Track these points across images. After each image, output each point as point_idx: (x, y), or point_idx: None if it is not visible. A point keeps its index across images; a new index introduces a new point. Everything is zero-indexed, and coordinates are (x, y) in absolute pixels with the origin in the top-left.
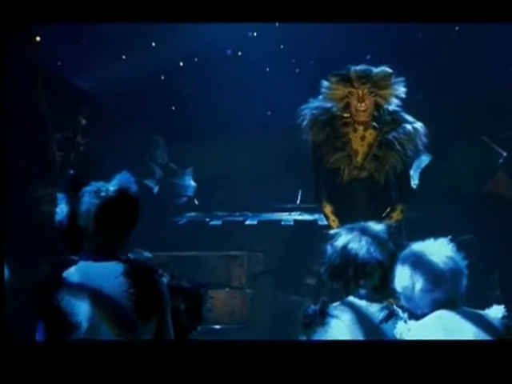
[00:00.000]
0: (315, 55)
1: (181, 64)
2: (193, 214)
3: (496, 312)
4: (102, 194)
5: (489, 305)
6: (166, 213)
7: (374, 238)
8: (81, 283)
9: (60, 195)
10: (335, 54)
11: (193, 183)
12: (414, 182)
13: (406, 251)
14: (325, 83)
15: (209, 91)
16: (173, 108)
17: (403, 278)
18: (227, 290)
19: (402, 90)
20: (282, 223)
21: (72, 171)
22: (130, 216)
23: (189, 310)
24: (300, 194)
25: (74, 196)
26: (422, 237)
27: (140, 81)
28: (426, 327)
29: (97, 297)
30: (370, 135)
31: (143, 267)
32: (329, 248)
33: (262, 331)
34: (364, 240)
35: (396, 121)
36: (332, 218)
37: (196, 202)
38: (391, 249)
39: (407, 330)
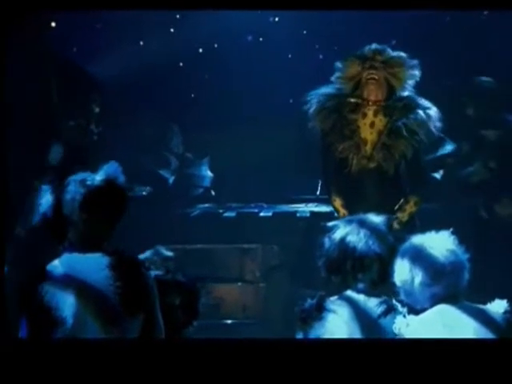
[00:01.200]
0: (339, 40)
1: (200, 50)
2: (206, 205)
3: (498, 307)
4: (88, 183)
5: (491, 299)
6: (182, 204)
7: (373, 230)
8: (65, 276)
9: (44, 186)
10: (360, 39)
11: (209, 173)
12: (438, 173)
13: (406, 244)
14: (338, 64)
15: (228, 78)
16: (192, 95)
17: (402, 271)
18: (239, 284)
19: (417, 74)
20: (298, 215)
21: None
22: (116, 207)
23: (184, 304)
24: (320, 184)
25: (59, 186)
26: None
27: (157, 68)
28: (426, 322)
29: (82, 290)
30: (380, 122)
31: (130, 260)
32: (326, 241)
33: (275, 326)
34: (362, 232)
35: (408, 106)
36: (342, 211)
37: (213, 193)
38: (390, 242)
39: (406, 324)
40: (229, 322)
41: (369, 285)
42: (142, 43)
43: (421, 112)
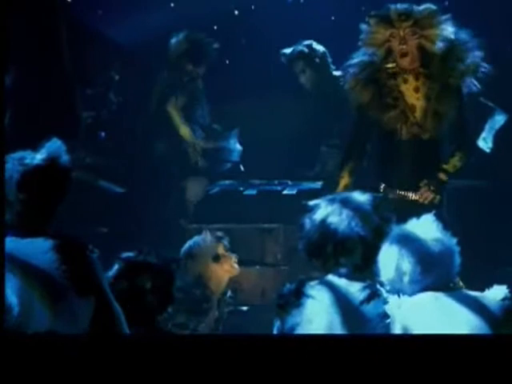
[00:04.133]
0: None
1: (236, 13)
2: (226, 182)
3: (496, 293)
4: (27, 161)
5: (489, 285)
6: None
7: (357, 210)
8: (8, 261)
9: None
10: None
11: (238, 147)
12: (488, 146)
13: (388, 241)
14: (364, 27)
15: (265, 43)
16: (226, 62)
17: (388, 271)
18: (258, 267)
19: (450, 30)
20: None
21: (103, 133)
22: (57, 187)
23: (156, 288)
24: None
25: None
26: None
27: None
28: (419, 305)
29: (27, 274)
30: (424, 85)
31: (73, 242)
32: (307, 222)
33: None
34: (345, 213)
35: (446, 58)
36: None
37: (242, 168)
38: (375, 223)
39: (397, 306)
40: (244, 308)
41: (352, 269)
42: (172, 5)
43: (465, 62)
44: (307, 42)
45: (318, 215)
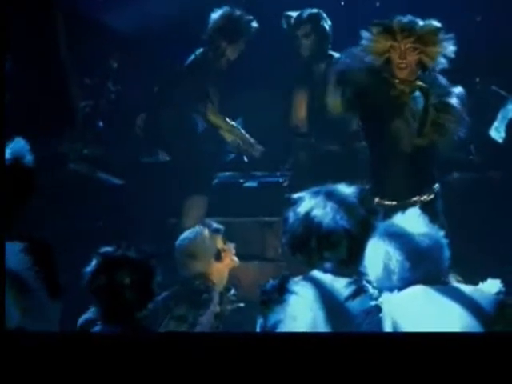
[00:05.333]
0: None
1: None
2: (226, 173)
3: (491, 287)
4: None
5: (483, 278)
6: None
7: (342, 203)
8: None
9: None
10: None
11: None
12: (501, 136)
13: (373, 240)
14: (365, 34)
15: (271, 29)
16: None
17: (376, 270)
18: (256, 262)
19: (451, 49)
20: None
21: (101, 123)
22: (22, 187)
23: (135, 284)
24: None
25: None
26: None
27: (190, 17)
28: (409, 300)
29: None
30: (420, 98)
31: (42, 243)
32: (291, 215)
33: None
34: (329, 206)
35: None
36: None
37: (245, 159)
38: (361, 215)
39: (387, 301)
40: (242, 305)
41: (337, 264)
42: None
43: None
44: (316, 10)
45: (302, 208)
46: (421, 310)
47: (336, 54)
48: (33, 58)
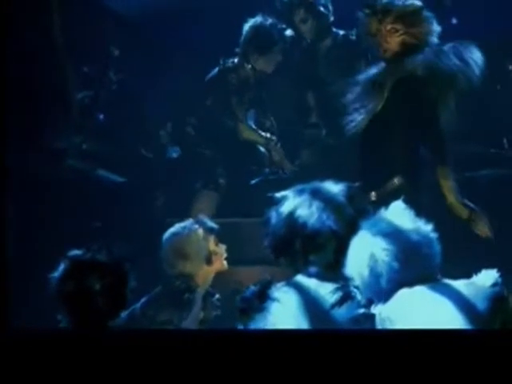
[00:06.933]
0: None
1: None
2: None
3: (486, 279)
4: None
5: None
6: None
7: (328, 202)
8: None
9: None
10: None
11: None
12: None
13: (355, 243)
14: (360, 14)
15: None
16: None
17: (362, 276)
18: (259, 266)
19: (437, 30)
20: None
21: (102, 115)
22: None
23: (106, 290)
24: None
25: None
26: None
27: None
28: (401, 305)
29: None
30: None
31: None
32: (273, 215)
33: None
34: (315, 205)
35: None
36: None
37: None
38: (350, 215)
39: (378, 313)
40: None
41: (323, 268)
42: None
43: None
44: None
45: (286, 208)
46: (413, 317)
47: (340, 32)
48: (25, 46)
